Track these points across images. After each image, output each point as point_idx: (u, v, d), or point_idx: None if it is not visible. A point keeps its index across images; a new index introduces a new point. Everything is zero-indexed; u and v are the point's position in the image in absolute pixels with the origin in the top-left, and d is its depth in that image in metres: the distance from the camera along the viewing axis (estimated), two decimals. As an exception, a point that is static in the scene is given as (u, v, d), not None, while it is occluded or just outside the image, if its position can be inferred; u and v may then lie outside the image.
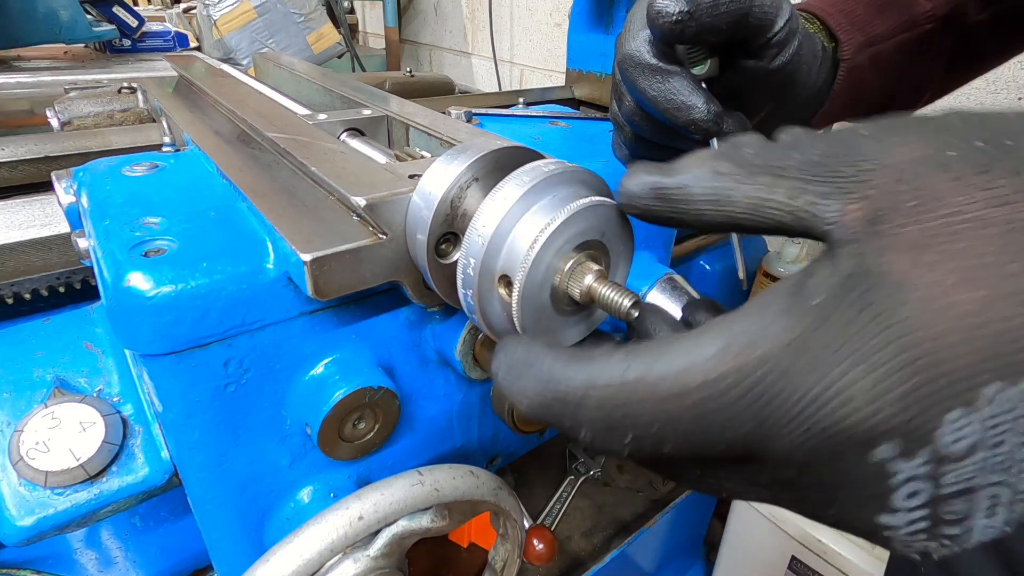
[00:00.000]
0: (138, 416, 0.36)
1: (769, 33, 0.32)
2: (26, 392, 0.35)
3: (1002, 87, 1.04)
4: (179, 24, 1.76)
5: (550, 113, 0.61)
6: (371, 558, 0.32)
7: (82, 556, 0.45)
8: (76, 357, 0.38)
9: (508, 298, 0.26)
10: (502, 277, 0.26)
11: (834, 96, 0.39)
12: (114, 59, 1.48)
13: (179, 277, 0.27)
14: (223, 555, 0.36)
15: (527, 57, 1.98)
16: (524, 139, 0.49)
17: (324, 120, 0.43)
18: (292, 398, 0.33)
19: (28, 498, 0.32)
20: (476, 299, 0.26)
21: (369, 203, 0.29)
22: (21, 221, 0.50)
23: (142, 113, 0.71)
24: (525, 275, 0.24)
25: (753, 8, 0.30)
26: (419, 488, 0.32)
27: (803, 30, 0.34)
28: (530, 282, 0.25)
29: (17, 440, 0.32)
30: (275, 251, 0.30)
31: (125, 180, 0.36)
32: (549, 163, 0.27)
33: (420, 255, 0.29)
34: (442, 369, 0.39)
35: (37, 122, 1.10)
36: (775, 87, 0.35)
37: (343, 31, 1.89)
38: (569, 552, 0.70)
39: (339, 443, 0.33)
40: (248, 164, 0.37)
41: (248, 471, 0.33)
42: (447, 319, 0.36)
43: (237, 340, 0.29)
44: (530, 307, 0.25)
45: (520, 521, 0.41)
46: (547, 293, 0.26)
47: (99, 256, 0.30)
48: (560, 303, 0.27)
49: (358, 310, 0.34)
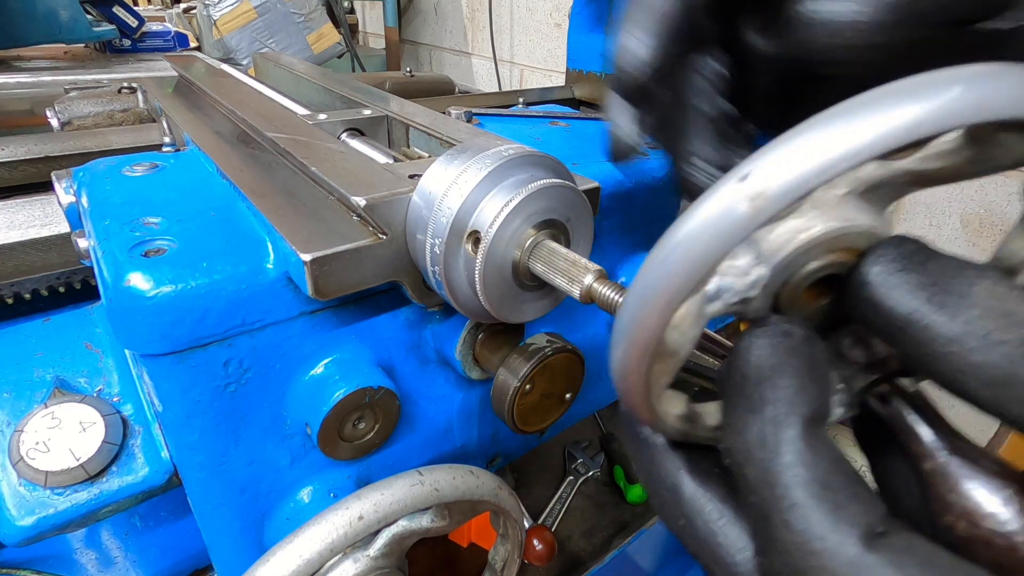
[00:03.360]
0: (138, 416, 0.36)
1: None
2: (26, 392, 0.35)
3: (1002, 87, 1.04)
4: (179, 24, 1.76)
5: (550, 113, 0.61)
6: (371, 558, 0.32)
7: (82, 556, 0.45)
8: (76, 357, 0.38)
9: (474, 253, 0.28)
10: (471, 234, 0.28)
11: None
12: (114, 59, 1.48)
13: (179, 277, 0.27)
14: (223, 555, 0.36)
15: (527, 57, 1.98)
16: (524, 139, 0.49)
17: (324, 120, 0.43)
18: (292, 398, 0.33)
19: (28, 498, 0.32)
20: (443, 260, 0.28)
21: (369, 203, 0.29)
22: (21, 221, 0.50)
23: (142, 113, 0.71)
24: (494, 231, 0.27)
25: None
26: (419, 488, 0.32)
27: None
28: (497, 240, 0.27)
29: (17, 440, 0.32)
30: (275, 251, 0.30)
31: (125, 180, 0.36)
32: (510, 147, 0.30)
33: (420, 255, 0.29)
34: (442, 369, 0.39)
35: (37, 122, 1.10)
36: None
37: (343, 31, 1.89)
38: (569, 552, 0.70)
39: (339, 443, 0.33)
40: (248, 164, 0.37)
41: (248, 471, 0.33)
42: (447, 319, 0.36)
43: (237, 340, 0.29)
44: (493, 270, 0.28)
45: (520, 521, 0.41)
46: (509, 264, 0.28)
47: (99, 256, 0.30)
48: (521, 276, 0.29)
49: (358, 310, 0.34)
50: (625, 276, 0.46)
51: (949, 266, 0.15)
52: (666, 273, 0.15)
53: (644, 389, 0.17)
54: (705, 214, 0.14)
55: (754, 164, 0.14)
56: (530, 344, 0.37)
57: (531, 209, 0.28)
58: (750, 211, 0.13)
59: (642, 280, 0.16)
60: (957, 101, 0.12)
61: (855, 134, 0.13)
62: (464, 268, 0.29)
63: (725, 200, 0.14)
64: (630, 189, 0.44)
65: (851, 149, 0.13)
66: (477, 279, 0.28)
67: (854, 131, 0.13)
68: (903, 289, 0.15)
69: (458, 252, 0.28)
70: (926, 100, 0.12)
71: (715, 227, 0.14)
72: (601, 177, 0.37)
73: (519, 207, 0.27)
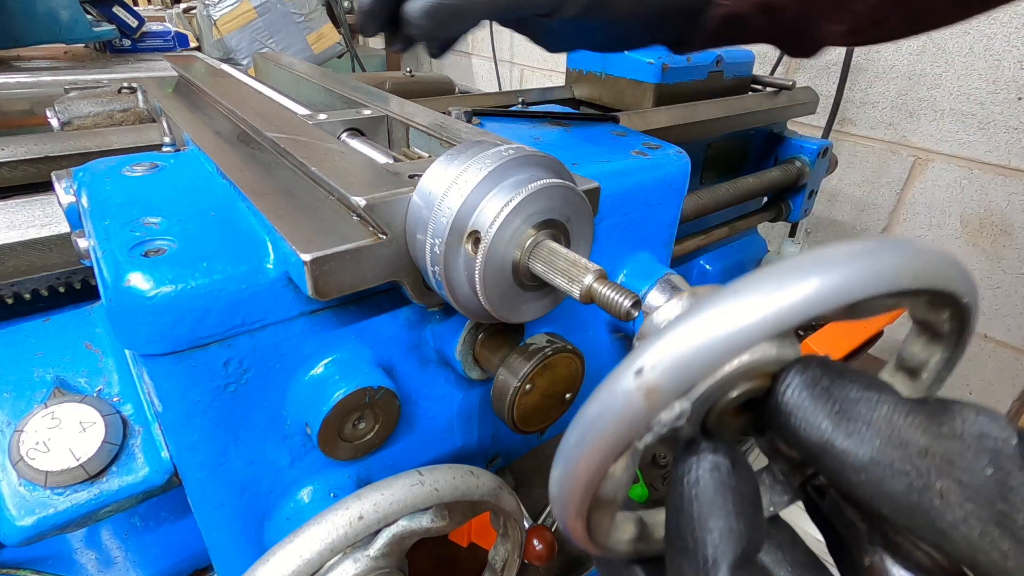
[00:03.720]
0: (138, 416, 0.36)
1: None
2: (26, 392, 0.35)
3: (1002, 87, 1.04)
4: (179, 24, 1.76)
5: (550, 113, 0.61)
6: (371, 558, 0.32)
7: (82, 556, 0.45)
8: (76, 357, 0.38)
9: (474, 253, 0.28)
10: (471, 234, 0.28)
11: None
12: (114, 59, 1.47)
13: (179, 277, 0.27)
14: (223, 555, 0.36)
15: (527, 57, 1.98)
16: (524, 139, 0.49)
17: (324, 120, 0.43)
18: (292, 398, 0.33)
19: (28, 498, 0.32)
20: (443, 260, 0.28)
21: (369, 203, 0.29)
22: (21, 221, 0.50)
23: (142, 113, 0.71)
24: (494, 231, 0.27)
25: None
26: (419, 488, 0.32)
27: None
28: (497, 240, 0.27)
29: (17, 440, 0.32)
30: (275, 251, 0.30)
31: (125, 180, 0.36)
32: (510, 147, 0.30)
33: (420, 255, 0.29)
34: (442, 369, 0.39)
35: (37, 122, 1.10)
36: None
37: (343, 31, 1.89)
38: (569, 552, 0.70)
39: (339, 443, 0.33)
40: (248, 164, 0.37)
41: (248, 471, 0.33)
42: (447, 319, 0.36)
43: (237, 340, 0.29)
44: (493, 270, 0.28)
45: (520, 521, 0.41)
46: (509, 264, 0.29)
47: (99, 256, 0.30)
48: (521, 276, 0.29)
49: (358, 310, 0.34)
50: (625, 276, 0.46)
51: (853, 389, 0.16)
52: (582, 460, 0.16)
53: (588, 535, 0.18)
54: (606, 406, 0.15)
55: (646, 357, 0.15)
56: (530, 344, 0.37)
57: (531, 209, 0.28)
58: (646, 406, 0.15)
59: (562, 460, 0.17)
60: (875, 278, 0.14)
61: (741, 325, 0.14)
62: (464, 268, 0.29)
63: (622, 396, 0.15)
64: (630, 189, 0.44)
65: (737, 342, 0.14)
66: (477, 279, 0.28)
67: (742, 319, 0.14)
68: (815, 417, 0.16)
69: (458, 252, 0.28)
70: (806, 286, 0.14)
71: (619, 419, 0.15)
72: (601, 177, 0.37)
73: (519, 207, 0.27)
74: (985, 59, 1.05)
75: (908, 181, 1.20)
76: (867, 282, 0.14)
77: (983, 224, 1.12)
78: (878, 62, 1.18)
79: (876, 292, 0.14)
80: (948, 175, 1.14)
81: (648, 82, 0.86)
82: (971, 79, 1.07)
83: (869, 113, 1.22)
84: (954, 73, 1.09)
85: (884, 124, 1.21)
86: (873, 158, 1.24)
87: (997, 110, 1.05)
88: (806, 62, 1.29)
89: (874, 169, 1.24)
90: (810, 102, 0.97)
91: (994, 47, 1.03)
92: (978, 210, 1.12)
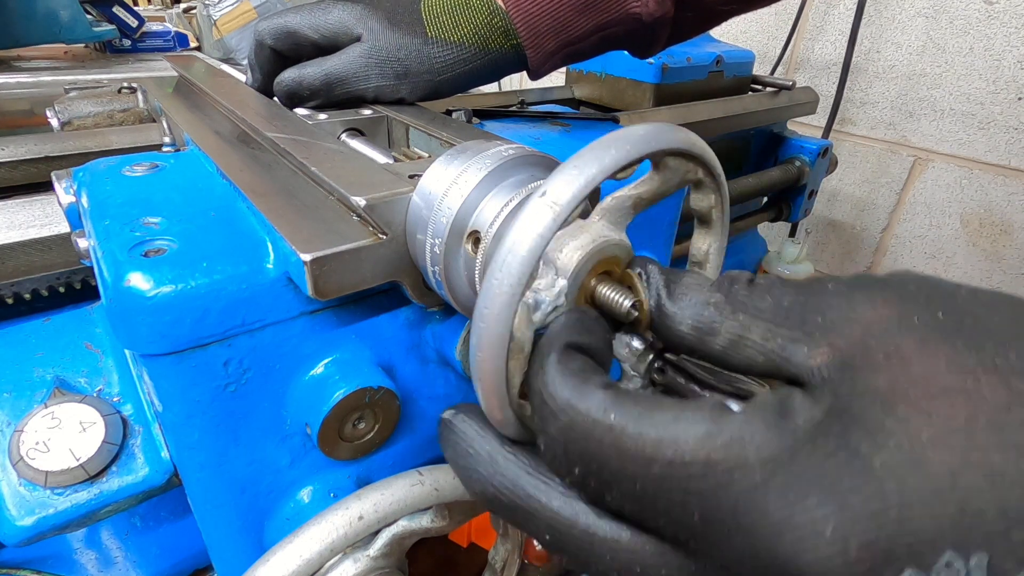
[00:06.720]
0: (138, 416, 0.36)
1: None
2: (26, 392, 0.35)
3: (1002, 87, 1.04)
4: (179, 24, 1.76)
5: (550, 113, 0.61)
6: (371, 558, 0.32)
7: (82, 556, 0.45)
8: (76, 357, 0.38)
9: (474, 253, 0.28)
10: (471, 234, 0.28)
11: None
12: (114, 59, 1.47)
13: (179, 277, 0.27)
14: (223, 555, 0.36)
15: (527, 57, 1.98)
16: (524, 139, 0.49)
17: (324, 120, 0.43)
18: (292, 398, 0.33)
19: (28, 498, 0.32)
20: (443, 260, 0.29)
21: (369, 203, 0.29)
22: (21, 221, 0.50)
23: (142, 113, 0.71)
24: (494, 232, 0.27)
25: None
26: (419, 488, 0.32)
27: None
28: (496, 240, 0.27)
29: (17, 440, 0.32)
30: (275, 251, 0.30)
31: (125, 180, 0.36)
32: (510, 147, 0.30)
33: (420, 255, 0.29)
34: (442, 369, 0.39)
35: (37, 122, 1.10)
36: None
37: (343, 31, 1.88)
38: (569, 552, 0.70)
39: (339, 443, 0.33)
40: (248, 164, 0.37)
41: (248, 471, 0.33)
42: (447, 319, 0.36)
43: (237, 340, 0.29)
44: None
45: (520, 521, 0.41)
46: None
47: (99, 256, 0.30)
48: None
49: (358, 310, 0.34)
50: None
51: (685, 276, 0.23)
52: (508, 270, 0.21)
53: (502, 385, 0.22)
54: (524, 223, 0.21)
55: (548, 184, 0.21)
56: (530, 344, 0.37)
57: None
58: (552, 215, 0.20)
59: (488, 284, 0.21)
60: (642, 143, 0.22)
61: (599, 164, 0.21)
62: (464, 268, 0.29)
63: (535, 210, 0.21)
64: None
65: (598, 172, 0.21)
66: (477, 279, 0.28)
67: (598, 162, 0.22)
68: (653, 289, 0.23)
69: (458, 252, 0.28)
70: (629, 145, 0.22)
71: (533, 228, 0.20)
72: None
73: (519, 207, 0.27)
74: (985, 59, 1.05)
75: (908, 181, 1.20)
76: (640, 149, 0.22)
77: (983, 224, 1.12)
78: (878, 62, 1.18)
79: (639, 155, 0.22)
80: (948, 175, 1.14)
81: (648, 82, 0.86)
82: (971, 79, 1.07)
83: (869, 113, 1.22)
84: (954, 73, 1.09)
85: (884, 124, 1.21)
86: (873, 158, 1.24)
87: (997, 110, 1.06)
88: (806, 62, 1.29)
89: (874, 169, 1.24)
90: (810, 102, 0.98)
91: (994, 47, 1.03)
92: (978, 210, 1.12)
